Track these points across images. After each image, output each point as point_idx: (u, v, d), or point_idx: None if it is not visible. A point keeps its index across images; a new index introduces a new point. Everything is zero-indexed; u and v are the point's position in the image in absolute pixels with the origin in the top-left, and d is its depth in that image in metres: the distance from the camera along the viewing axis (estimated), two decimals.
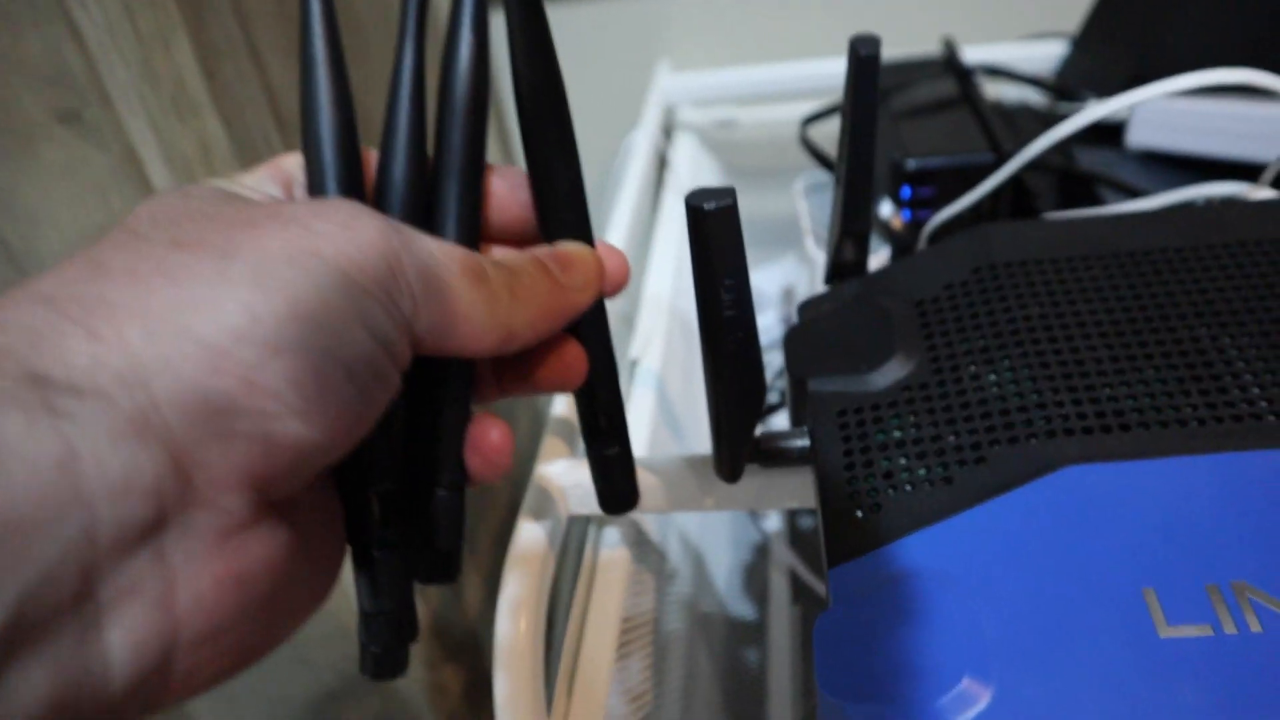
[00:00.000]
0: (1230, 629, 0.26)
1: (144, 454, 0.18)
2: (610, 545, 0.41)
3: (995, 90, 0.70)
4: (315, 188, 0.26)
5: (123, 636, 0.18)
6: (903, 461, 0.31)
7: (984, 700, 0.26)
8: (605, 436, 0.31)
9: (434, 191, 0.27)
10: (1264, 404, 0.30)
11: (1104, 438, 0.30)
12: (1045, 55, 0.72)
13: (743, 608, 0.58)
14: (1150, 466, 0.29)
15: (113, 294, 0.19)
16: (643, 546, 0.44)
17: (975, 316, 0.35)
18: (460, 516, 0.28)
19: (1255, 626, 0.26)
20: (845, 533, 0.30)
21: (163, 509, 0.18)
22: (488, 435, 0.27)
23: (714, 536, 0.58)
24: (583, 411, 0.31)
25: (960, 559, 0.28)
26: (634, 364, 0.49)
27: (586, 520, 0.42)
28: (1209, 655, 0.25)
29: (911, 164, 0.56)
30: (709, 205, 0.27)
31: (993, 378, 0.32)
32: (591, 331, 0.29)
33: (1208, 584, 0.27)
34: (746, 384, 0.30)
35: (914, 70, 0.68)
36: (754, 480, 0.36)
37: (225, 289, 0.19)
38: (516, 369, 0.28)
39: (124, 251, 0.20)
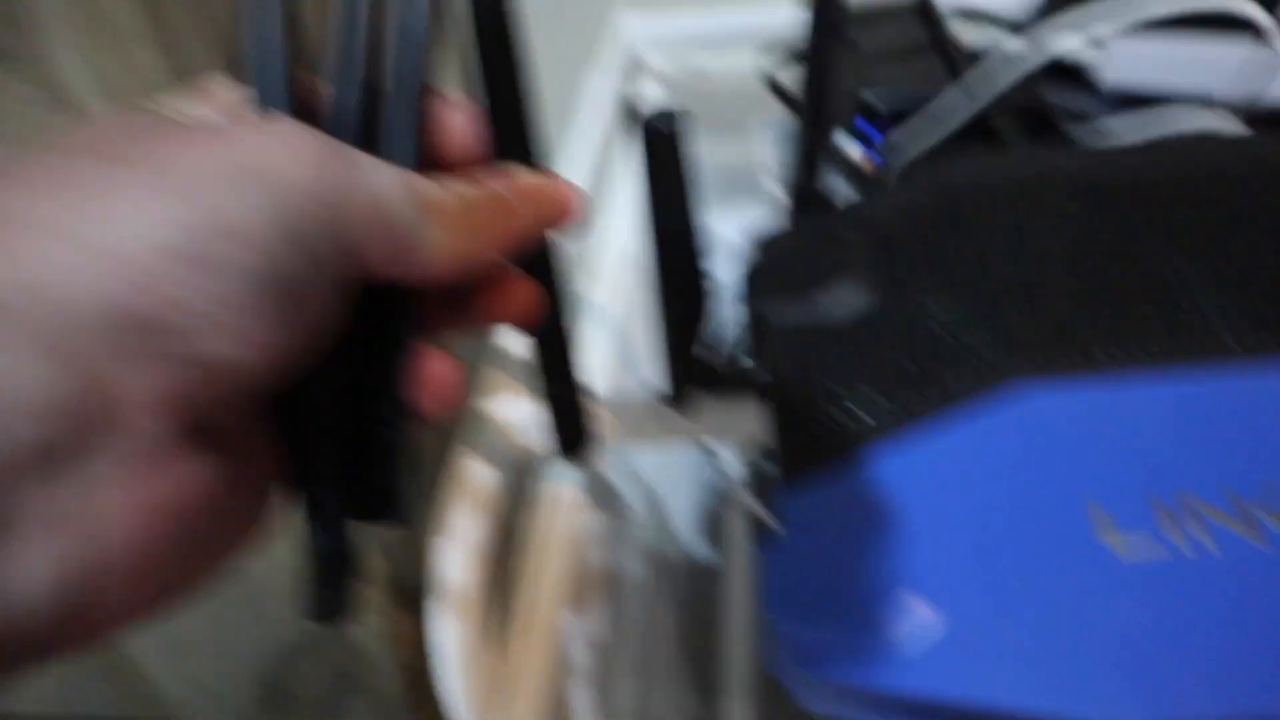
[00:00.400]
0: (1183, 546, 0.26)
1: (57, 372, 0.17)
2: (562, 485, 0.40)
3: (968, 36, 0.69)
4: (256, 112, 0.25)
5: (41, 564, 0.17)
6: (857, 387, 0.30)
7: (934, 621, 0.25)
8: (557, 375, 0.30)
9: (382, 119, 0.26)
10: (1218, 322, 0.30)
11: (1058, 358, 0.30)
12: (1019, 1, 0.71)
13: (701, 551, 0.58)
14: (1104, 385, 0.29)
15: (24, 207, 0.18)
16: (597, 487, 0.43)
17: (934, 243, 0.35)
18: (405, 454, 0.27)
19: (1208, 544, 0.26)
20: (797, 459, 0.29)
21: (80, 430, 0.17)
22: (436, 370, 0.26)
23: (671, 479, 0.57)
24: (534, 350, 0.30)
25: (913, 482, 0.28)
26: (591, 308, 0.48)
27: (537, 458, 0.41)
28: (1161, 573, 0.25)
29: (881, 106, 0.55)
30: (658, 122, 0.27)
31: (949, 303, 0.32)
32: (544, 266, 0.29)
33: (1158, 501, 0.26)
34: (692, 301, 0.30)
35: (884, 14, 0.67)
36: (709, 412, 0.35)
37: (152, 202, 0.18)
38: (466, 303, 0.27)
39: (40, 166, 0.19)
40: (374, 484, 0.27)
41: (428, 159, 0.26)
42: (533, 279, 0.28)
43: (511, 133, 0.27)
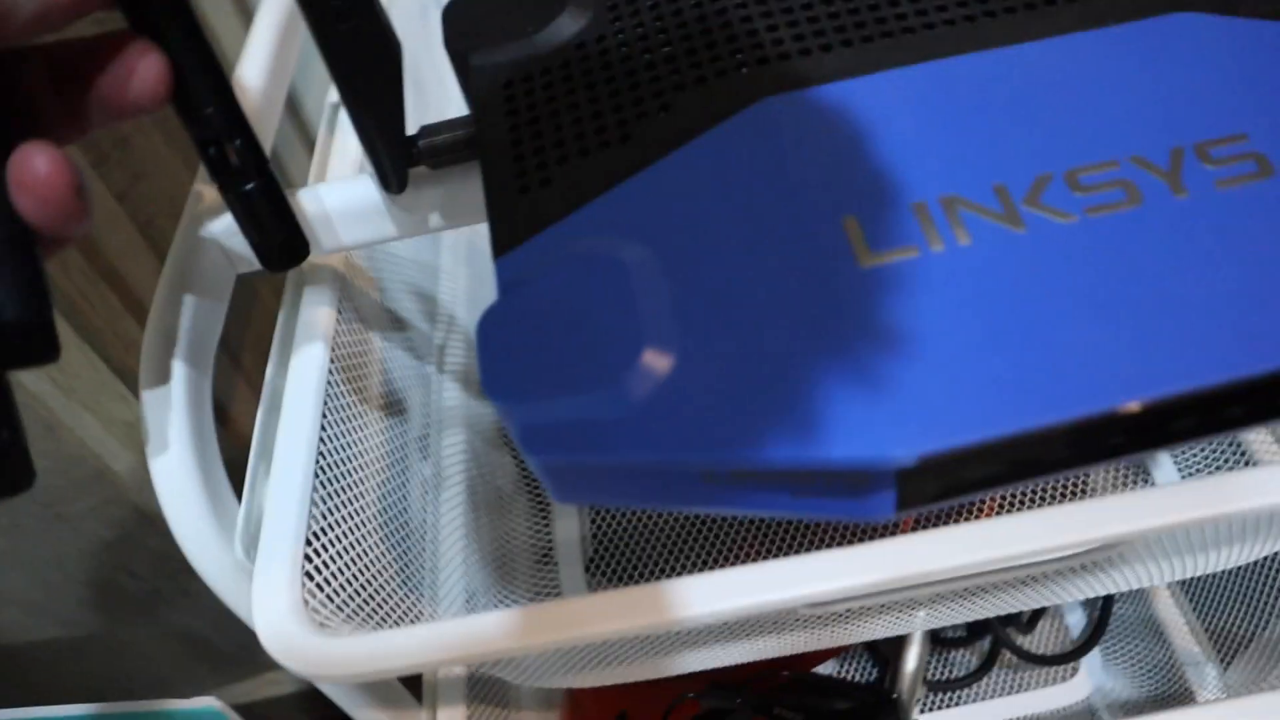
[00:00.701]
0: (937, 246, 0.23)
1: None
2: (312, 306, 0.35)
3: None
4: None
5: None
6: (575, 126, 0.26)
7: (667, 368, 0.22)
8: (234, 170, 0.25)
9: None
10: (958, 7, 0.26)
11: (802, 61, 0.26)
12: None
13: None
14: (851, 87, 0.25)
15: None
16: (360, 304, 0.38)
17: None
18: (28, 274, 0.22)
19: (964, 239, 0.23)
20: (511, 216, 0.25)
21: None
22: (29, 164, 0.21)
23: (456, 284, 0.53)
24: (196, 141, 0.25)
25: (641, 222, 0.24)
26: (334, 109, 0.42)
27: (271, 280, 0.36)
28: (915, 277, 0.22)
29: None
30: None
31: (677, 14, 0.27)
32: (169, 23, 0.23)
33: (914, 203, 0.23)
34: (372, 54, 0.25)
35: None
36: (435, 190, 0.30)
37: None
38: (83, 90, 0.22)
39: None
40: (9, 322, 0.22)
41: None
42: (159, 43, 0.23)
43: None
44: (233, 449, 0.34)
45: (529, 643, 0.27)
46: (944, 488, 0.22)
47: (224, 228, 0.31)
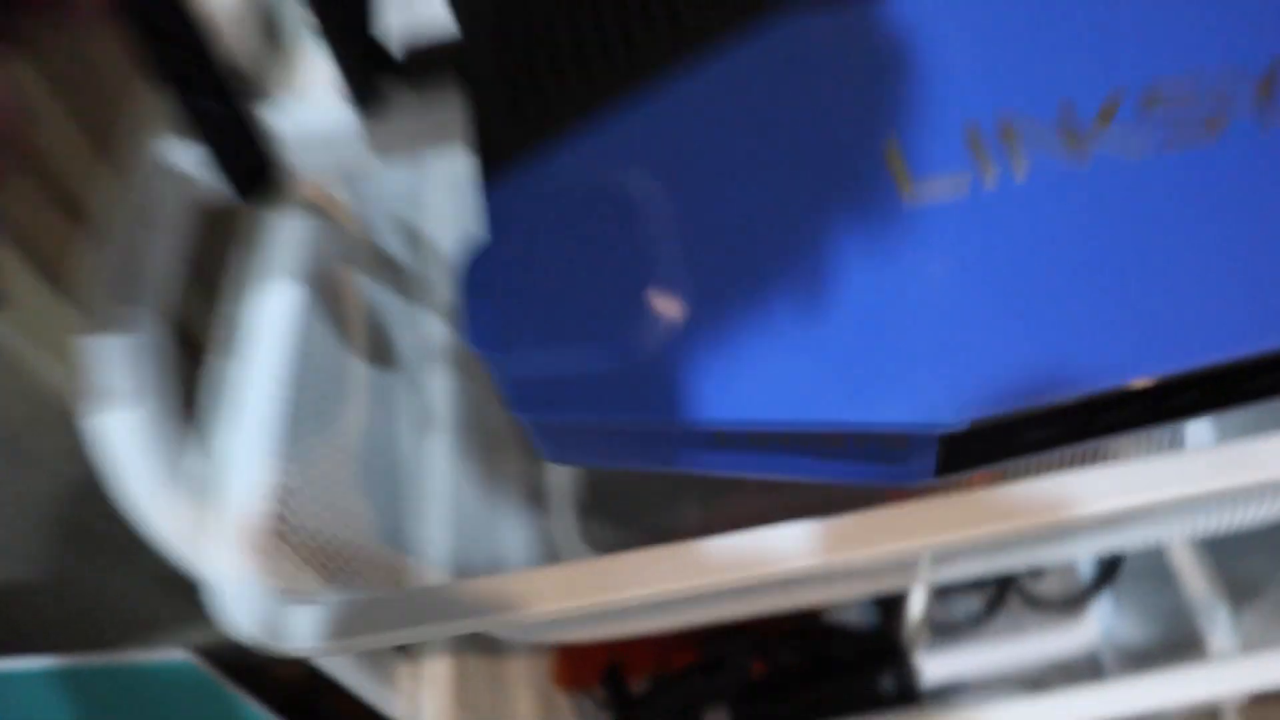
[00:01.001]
0: (990, 180, 0.20)
1: None
2: (281, 237, 0.32)
3: None
4: None
5: None
6: (576, 36, 0.22)
7: (678, 317, 0.19)
8: (190, 84, 0.22)
9: None
10: None
11: None
12: None
13: None
14: None
15: None
16: (331, 231, 0.35)
17: None
18: None
19: (1020, 173, 0.20)
20: (501, 143, 0.22)
21: None
22: None
23: (444, 219, 0.50)
24: (145, 50, 0.22)
25: (649, 151, 0.21)
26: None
27: (230, 213, 0.33)
28: (964, 222, 0.19)
29: None
30: None
31: None
32: None
33: (966, 125, 0.20)
34: None
35: None
36: (416, 112, 0.27)
37: None
38: None
39: None
40: None
41: None
42: None
43: None
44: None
45: (517, 615, 0.25)
46: (988, 452, 0.20)
47: (186, 153, 0.27)
